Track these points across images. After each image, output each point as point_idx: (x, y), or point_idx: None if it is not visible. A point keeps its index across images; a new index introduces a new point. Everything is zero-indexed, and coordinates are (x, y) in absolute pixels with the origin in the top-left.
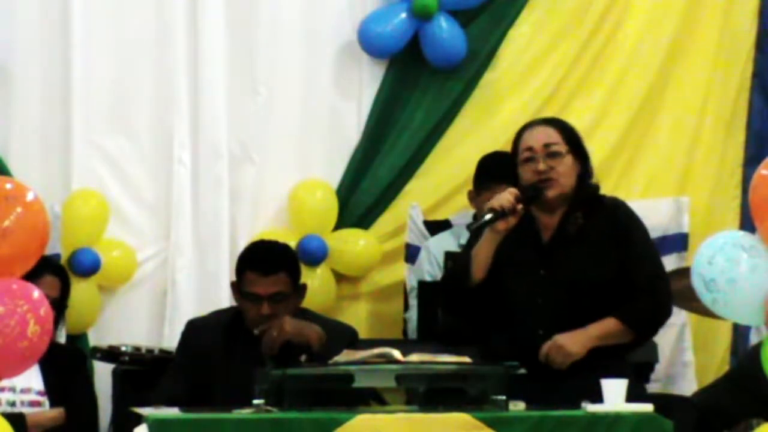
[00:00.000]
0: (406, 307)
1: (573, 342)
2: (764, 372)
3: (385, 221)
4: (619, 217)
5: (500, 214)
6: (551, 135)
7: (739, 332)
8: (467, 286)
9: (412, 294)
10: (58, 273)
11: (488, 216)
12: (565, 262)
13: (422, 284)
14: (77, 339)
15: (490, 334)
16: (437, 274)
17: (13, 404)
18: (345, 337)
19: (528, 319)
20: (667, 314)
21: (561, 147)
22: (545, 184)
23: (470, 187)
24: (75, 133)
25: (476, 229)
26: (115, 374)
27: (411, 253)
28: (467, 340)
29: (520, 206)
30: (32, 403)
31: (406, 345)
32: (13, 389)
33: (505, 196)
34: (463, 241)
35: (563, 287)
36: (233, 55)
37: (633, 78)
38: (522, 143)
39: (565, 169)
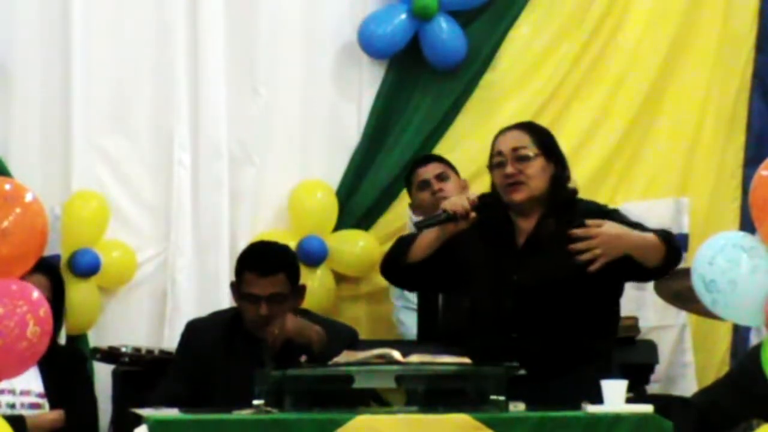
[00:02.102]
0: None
1: (625, 230)
2: (764, 373)
3: (385, 222)
4: (596, 214)
5: (451, 217)
6: (520, 139)
7: (739, 333)
8: (401, 263)
9: (394, 295)
10: (46, 272)
11: (439, 217)
12: (537, 267)
13: None
14: (77, 340)
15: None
16: None
17: (12, 406)
18: (345, 337)
19: (498, 323)
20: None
21: (530, 150)
22: (513, 188)
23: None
24: (75, 133)
25: (424, 227)
26: (115, 375)
27: None
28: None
29: (473, 214)
30: (32, 405)
31: (405, 346)
32: (12, 391)
33: (461, 202)
34: None
35: (534, 292)
36: (233, 56)
37: (633, 78)
38: (494, 148)
39: (534, 172)
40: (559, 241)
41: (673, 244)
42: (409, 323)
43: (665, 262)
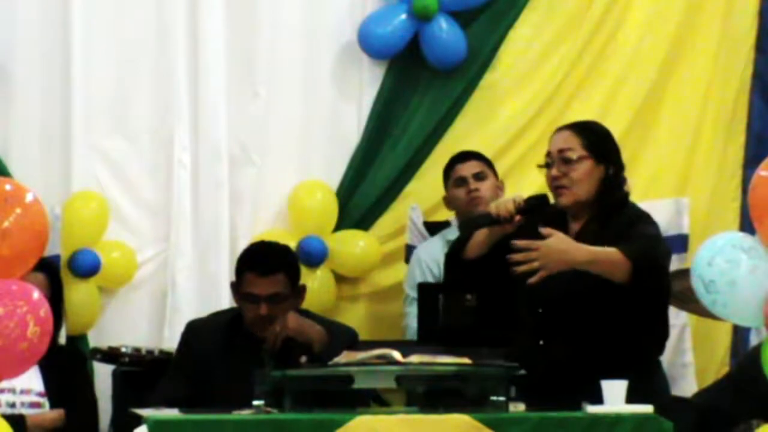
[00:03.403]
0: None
1: (578, 246)
2: (764, 373)
3: (385, 222)
4: (629, 220)
5: (495, 220)
6: (568, 140)
7: (739, 333)
8: (461, 257)
9: (407, 301)
10: (43, 270)
11: (483, 219)
12: (566, 274)
13: (422, 286)
14: (77, 340)
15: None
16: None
17: (12, 405)
18: (345, 338)
19: (531, 328)
20: (663, 265)
21: (575, 153)
22: (558, 191)
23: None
24: (75, 134)
25: (470, 228)
26: (115, 375)
27: (411, 255)
28: (469, 341)
29: (518, 217)
30: (32, 405)
31: (406, 346)
32: (12, 391)
33: (507, 205)
34: (451, 236)
35: (559, 300)
36: (233, 56)
37: (633, 78)
38: (547, 148)
39: (579, 176)
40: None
41: (643, 263)
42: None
43: (634, 279)
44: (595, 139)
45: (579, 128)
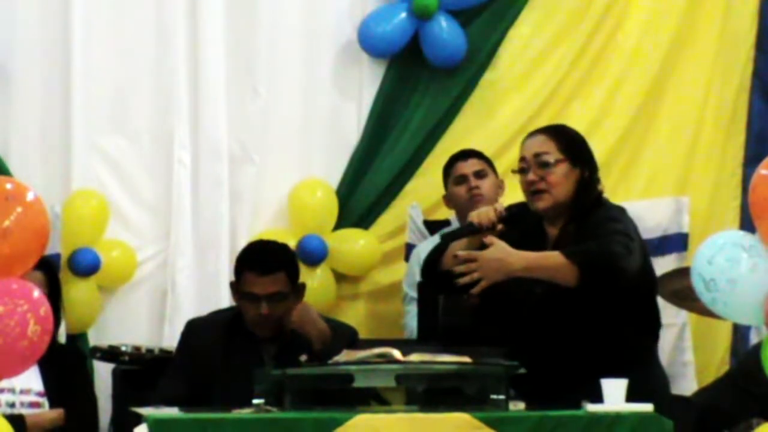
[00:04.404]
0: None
1: (515, 254)
2: (764, 372)
3: (385, 221)
4: (598, 220)
5: (477, 229)
6: (544, 144)
7: (739, 332)
8: (437, 268)
9: (406, 300)
10: (41, 267)
11: (465, 229)
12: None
13: (422, 285)
14: (77, 339)
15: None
16: None
17: (12, 405)
18: (345, 337)
19: (520, 333)
20: (616, 265)
21: (552, 156)
22: (535, 196)
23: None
24: (75, 133)
25: (452, 239)
26: (115, 374)
27: (411, 253)
28: (471, 339)
29: (500, 226)
30: (32, 404)
31: (406, 345)
32: (12, 390)
33: (488, 214)
34: None
35: (548, 303)
36: (233, 55)
37: (633, 78)
38: (520, 152)
39: (556, 179)
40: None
41: (590, 265)
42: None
43: (583, 281)
44: (570, 142)
45: (553, 132)
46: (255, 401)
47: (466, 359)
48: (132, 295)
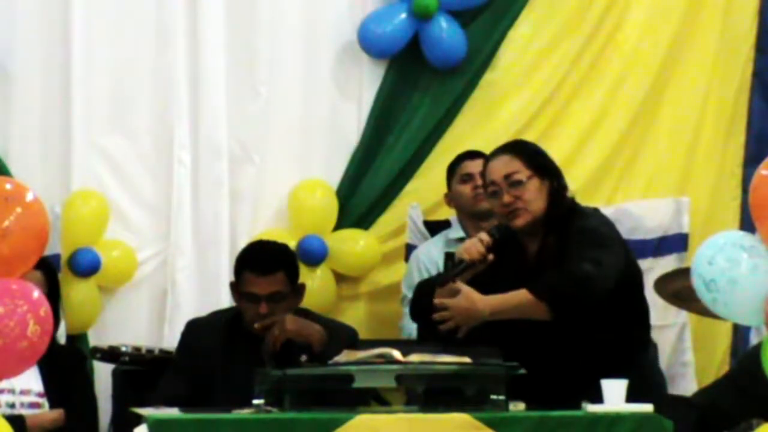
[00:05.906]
0: None
1: (480, 300)
2: (764, 372)
3: (385, 221)
4: (572, 236)
5: (469, 265)
6: (510, 164)
7: (739, 332)
8: (427, 311)
9: (404, 302)
10: (40, 267)
11: (458, 269)
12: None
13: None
14: (77, 339)
15: None
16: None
17: (12, 406)
18: (345, 337)
19: (513, 343)
20: (585, 289)
21: (522, 174)
22: (512, 215)
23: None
24: (75, 133)
25: (447, 282)
26: (115, 374)
27: (411, 254)
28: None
29: (491, 256)
30: (32, 405)
31: (406, 345)
32: (12, 391)
33: (476, 248)
34: (453, 235)
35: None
36: (233, 55)
37: (633, 78)
38: (486, 176)
39: (531, 196)
40: (561, 258)
41: (558, 298)
42: (415, 334)
43: (555, 314)
44: (534, 156)
45: (515, 149)
46: (255, 401)
47: (466, 360)
48: (132, 295)
